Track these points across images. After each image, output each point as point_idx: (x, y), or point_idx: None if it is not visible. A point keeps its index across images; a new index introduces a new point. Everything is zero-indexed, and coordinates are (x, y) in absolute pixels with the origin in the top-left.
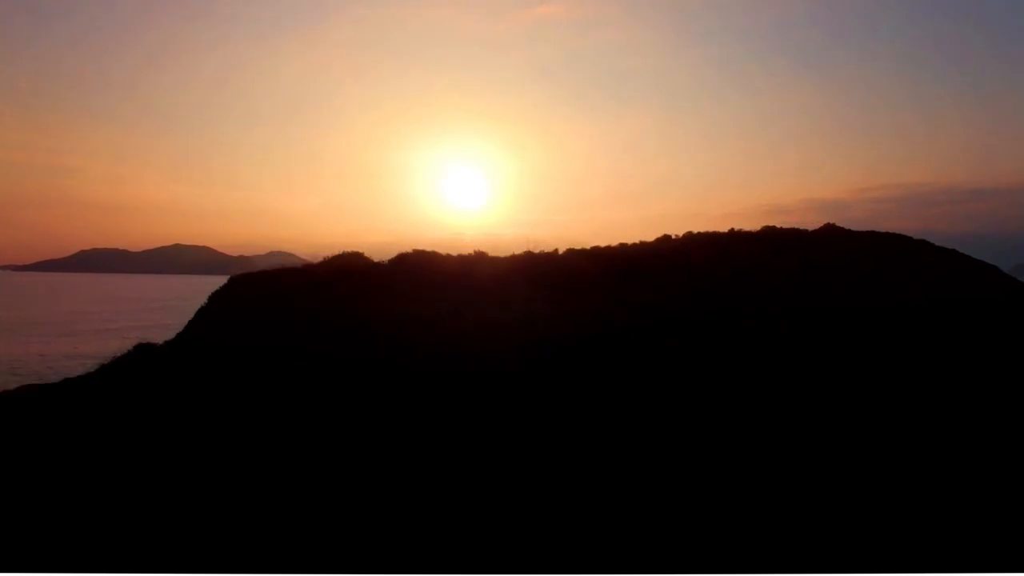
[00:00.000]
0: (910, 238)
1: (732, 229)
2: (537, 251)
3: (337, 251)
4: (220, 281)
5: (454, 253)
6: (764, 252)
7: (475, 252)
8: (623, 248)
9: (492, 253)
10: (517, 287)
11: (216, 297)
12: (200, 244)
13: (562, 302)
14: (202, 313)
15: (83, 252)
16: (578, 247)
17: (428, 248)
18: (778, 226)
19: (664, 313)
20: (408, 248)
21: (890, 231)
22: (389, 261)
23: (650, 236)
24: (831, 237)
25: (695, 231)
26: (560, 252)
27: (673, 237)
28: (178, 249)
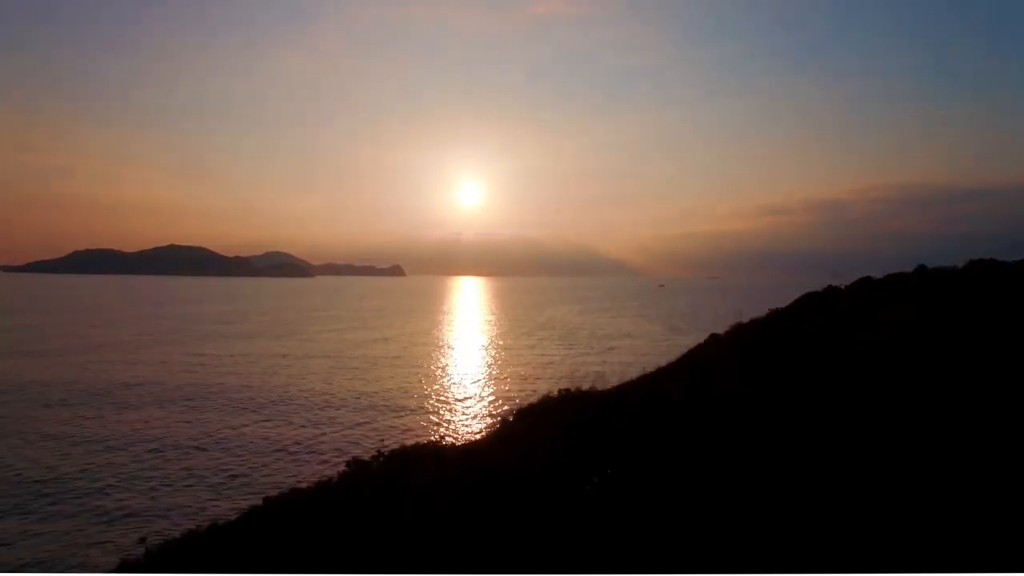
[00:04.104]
0: None
1: (921, 266)
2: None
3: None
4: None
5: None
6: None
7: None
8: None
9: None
10: None
11: None
12: (196, 245)
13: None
14: None
15: (77, 253)
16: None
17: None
18: (983, 258)
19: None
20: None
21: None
22: None
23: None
24: None
25: (873, 277)
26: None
27: (844, 288)
28: (173, 250)
